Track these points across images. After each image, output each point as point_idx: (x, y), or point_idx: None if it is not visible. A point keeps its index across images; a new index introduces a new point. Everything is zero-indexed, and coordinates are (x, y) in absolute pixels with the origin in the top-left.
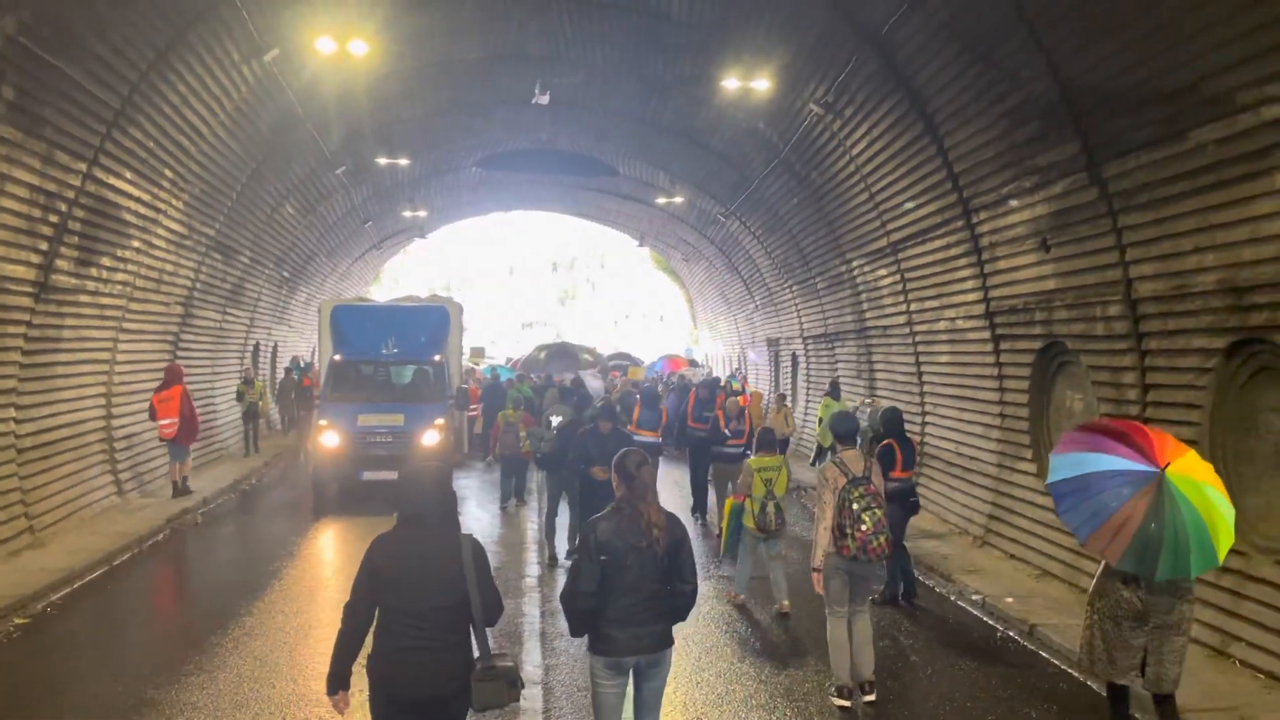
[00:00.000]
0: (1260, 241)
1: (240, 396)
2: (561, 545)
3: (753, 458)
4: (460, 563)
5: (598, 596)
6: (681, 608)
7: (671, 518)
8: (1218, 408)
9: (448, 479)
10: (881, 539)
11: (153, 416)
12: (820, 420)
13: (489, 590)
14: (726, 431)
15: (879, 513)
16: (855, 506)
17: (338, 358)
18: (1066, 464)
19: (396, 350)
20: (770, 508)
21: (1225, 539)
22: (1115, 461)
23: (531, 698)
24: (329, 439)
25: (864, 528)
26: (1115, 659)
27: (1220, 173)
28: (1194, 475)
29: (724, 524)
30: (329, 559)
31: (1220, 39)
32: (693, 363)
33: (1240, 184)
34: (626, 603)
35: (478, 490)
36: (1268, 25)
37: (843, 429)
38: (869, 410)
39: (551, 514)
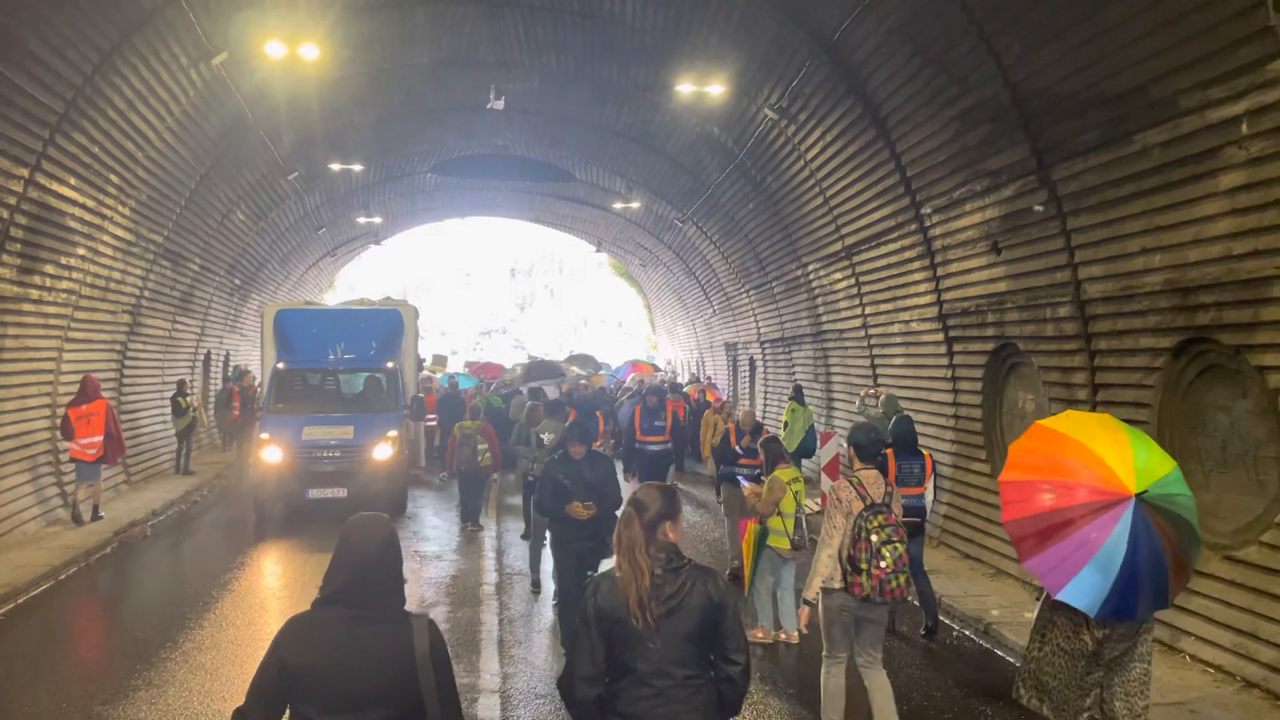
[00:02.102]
0: (1205, 242)
1: (178, 410)
2: (548, 570)
3: (779, 471)
4: (411, 658)
5: (603, 683)
6: (729, 698)
7: (705, 572)
8: (1166, 406)
9: (391, 538)
10: (901, 579)
11: (69, 435)
12: (785, 425)
13: (450, 698)
14: (738, 449)
15: (900, 548)
16: (874, 539)
17: (281, 366)
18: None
19: (346, 356)
20: (804, 523)
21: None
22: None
23: (489, 707)
24: (270, 454)
25: (883, 564)
26: (1069, 700)
27: (1166, 175)
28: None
29: (748, 558)
30: (270, 586)
31: (1164, 43)
32: (657, 368)
33: (1185, 186)
34: (645, 693)
35: (434, 502)
36: (1210, 29)
37: (864, 441)
38: (879, 399)
39: (539, 540)
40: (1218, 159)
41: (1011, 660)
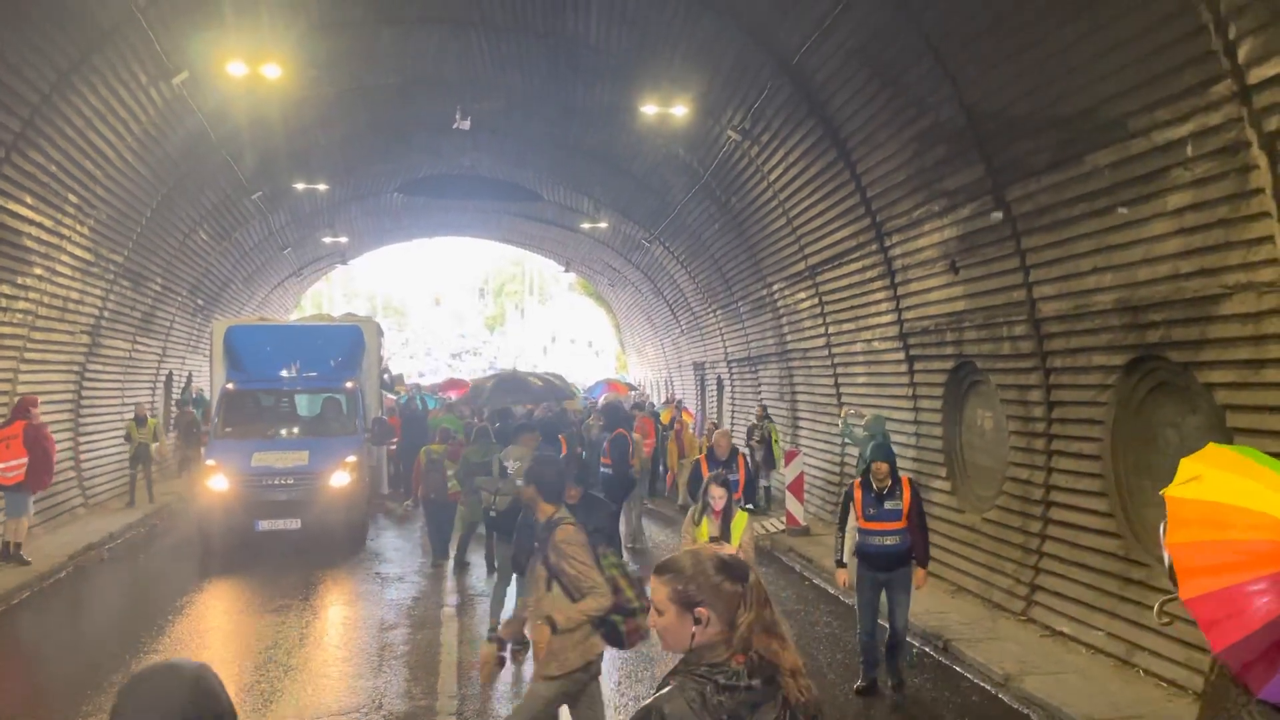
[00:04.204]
0: (1154, 261)
1: (128, 437)
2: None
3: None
4: None
5: None
6: None
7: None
8: (1119, 423)
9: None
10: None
11: None
12: (776, 442)
13: None
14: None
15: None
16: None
17: (230, 386)
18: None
19: (304, 375)
20: None
21: None
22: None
23: None
24: (217, 482)
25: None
26: None
27: (1115, 195)
28: None
29: None
30: (214, 632)
31: (1113, 67)
32: (632, 387)
33: (1134, 205)
34: None
35: (397, 528)
36: (1156, 53)
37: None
38: (864, 420)
39: (503, 582)
40: (1165, 179)
41: (970, 677)
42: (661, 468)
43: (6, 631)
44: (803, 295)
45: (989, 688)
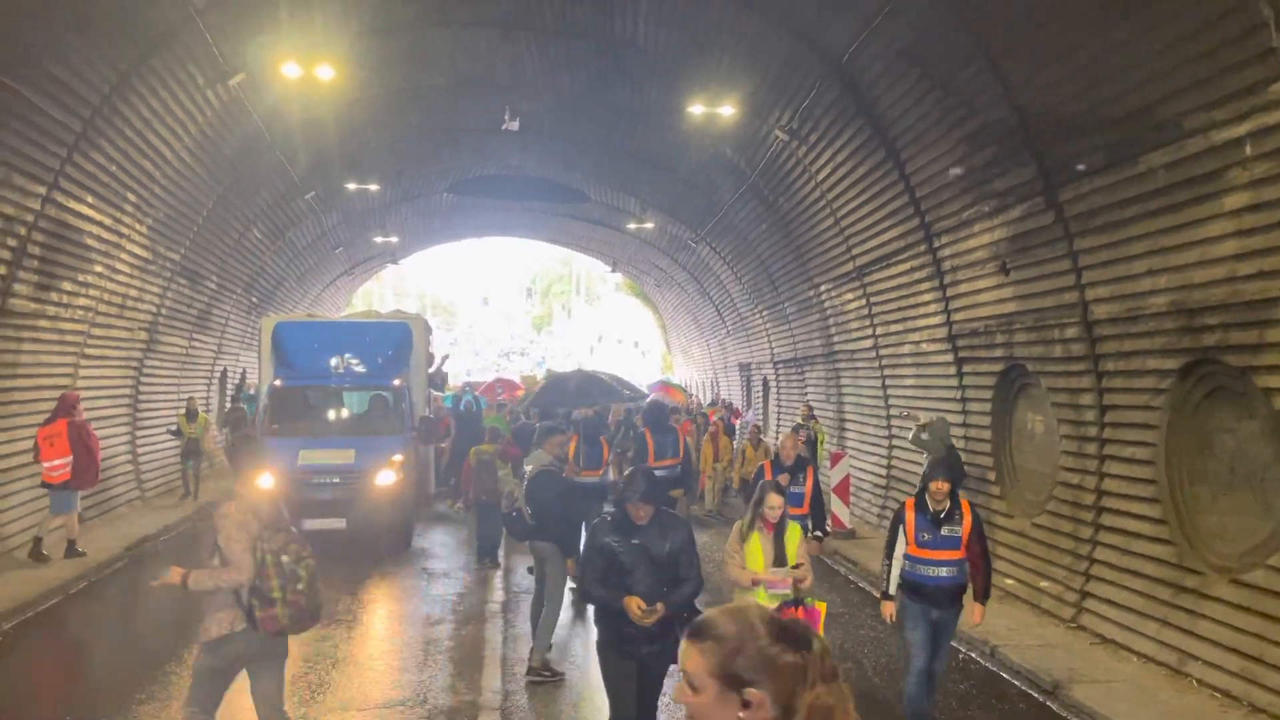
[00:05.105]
0: (1210, 264)
1: (178, 431)
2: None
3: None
4: None
5: None
6: None
7: None
8: (1173, 428)
9: None
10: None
11: (36, 458)
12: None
13: None
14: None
15: (312, 564)
16: (285, 559)
17: (278, 383)
18: None
19: (350, 373)
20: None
21: None
22: None
23: None
24: (263, 481)
25: (300, 586)
26: None
27: (1170, 196)
28: None
29: None
30: None
31: (1168, 65)
32: (687, 392)
33: (1190, 207)
34: None
35: (444, 525)
36: (1212, 51)
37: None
38: (914, 424)
39: (536, 600)
40: (1222, 180)
41: (1017, 684)
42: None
43: (64, 620)
44: (850, 296)
45: (1036, 695)
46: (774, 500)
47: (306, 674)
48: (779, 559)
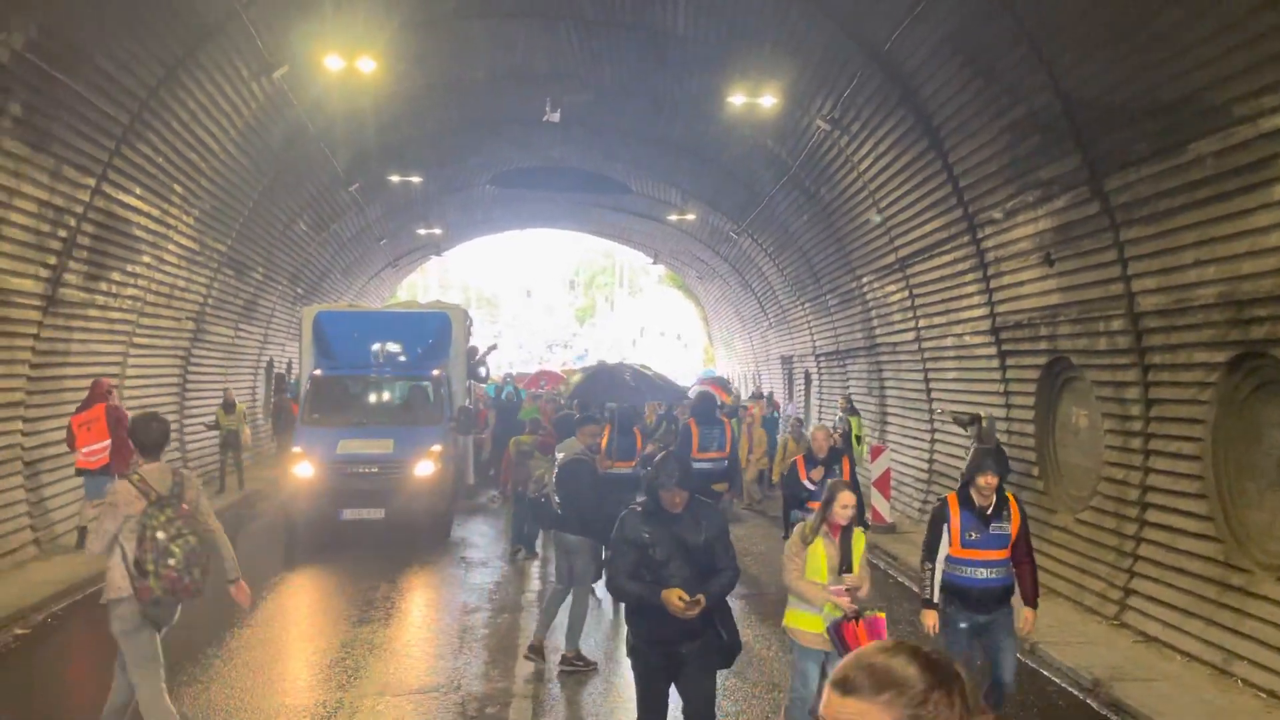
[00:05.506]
0: (1259, 254)
1: (216, 424)
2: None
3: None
4: None
5: None
6: None
7: None
8: (1220, 422)
9: None
10: (195, 571)
11: (71, 445)
12: (857, 439)
13: None
14: (809, 484)
15: (192, 540)
16: (161, 536)
17: (318, 373)
18: None
19: (389, 363)
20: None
21: None
22: None
23: (521, 710)
24: (303, 470)
25: (172, 561)
26: None
27: (1219, 185)
28: None
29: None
30: (302, 609)
31: (1216, 51)
32: (727, 389)
33: (1239, 196)
34: None
35: (483, 515)
36: (1263, 37)
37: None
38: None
39: (556, 593)
40: (1272, 169)
41: (1058, 681)
42: None
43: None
44: (892, 288)
45: (1077, 693)
46: (846, 499)
47: (344, 659)
48: (844, 565)
